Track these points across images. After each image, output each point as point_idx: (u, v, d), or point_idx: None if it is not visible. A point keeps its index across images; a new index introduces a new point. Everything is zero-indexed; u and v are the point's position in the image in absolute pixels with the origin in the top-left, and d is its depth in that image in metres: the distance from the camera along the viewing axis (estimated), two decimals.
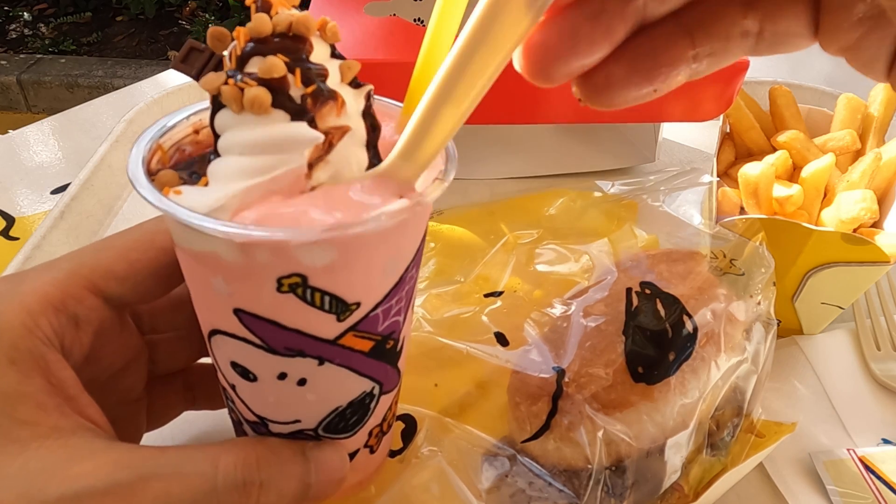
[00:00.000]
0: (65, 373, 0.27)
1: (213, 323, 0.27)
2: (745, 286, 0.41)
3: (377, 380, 0.29)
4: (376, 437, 0.32)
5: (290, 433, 0.29)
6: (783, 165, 0.48)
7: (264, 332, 0.25)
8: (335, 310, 0.25)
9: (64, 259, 0.29)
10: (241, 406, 0.29)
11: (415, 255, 0.27)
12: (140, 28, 2.93)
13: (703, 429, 0.36)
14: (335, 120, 0.24)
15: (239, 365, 0.27)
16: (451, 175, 0.26)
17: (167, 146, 0.27)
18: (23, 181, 0.66)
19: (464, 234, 0.47)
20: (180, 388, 0.36)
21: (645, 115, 0.58)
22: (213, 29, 0.24)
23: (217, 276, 0.24)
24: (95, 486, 0.24)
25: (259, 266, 0.24)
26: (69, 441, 0.25)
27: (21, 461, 0.24)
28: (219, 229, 0.22)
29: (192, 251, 0.25)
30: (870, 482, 0.40)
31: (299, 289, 0.24)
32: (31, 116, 2.54)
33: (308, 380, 0.27)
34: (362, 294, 0.25)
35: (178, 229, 0.25)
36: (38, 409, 0.25)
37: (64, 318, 0.27)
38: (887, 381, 0.46)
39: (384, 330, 0.27)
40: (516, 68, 0.21)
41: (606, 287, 0.40)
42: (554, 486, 0.35)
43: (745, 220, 0.43)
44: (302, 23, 0.24)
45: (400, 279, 0.27)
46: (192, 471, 0.25)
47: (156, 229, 0.30)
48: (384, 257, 0.25)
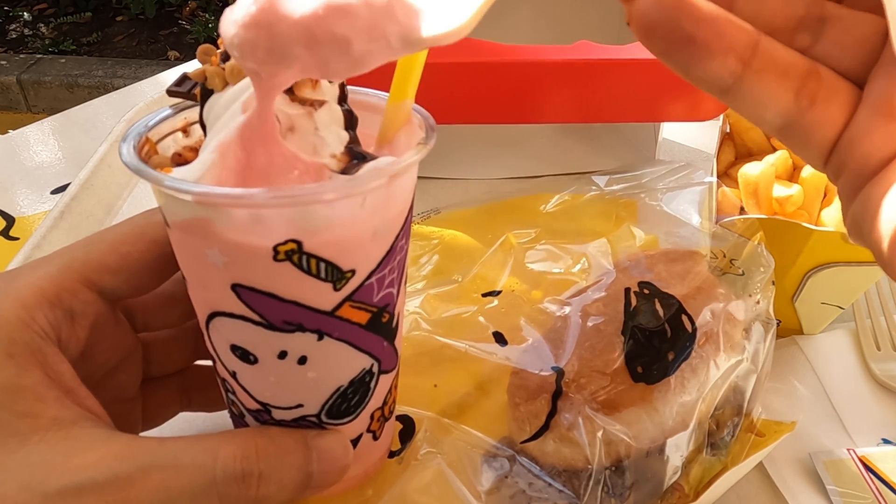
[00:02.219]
0: (62, 366, 0.27)
1: (211, 304, 0.27)
2: (744, 286, 0.41)
3: (375, 356, 0.29)
4: (378, 421, 0.32)
5: (293, 420, 0.29)
6: (783, 165, 0.48)
7: (263, 306, 0.26)
8: (331, 277, 0.25)
9: (56, 254, 0.29)
10: (242, 395, 0.29)
11: (404, 223, 0.28)
12: (140, 28, 2.93)
13: (702, 428, 0.36)
14: (311, 93, 0.25)
15: (239, 347, 0.27)
16: (433, 141, 0.27)
17: (156, 139, 0.28)
18: (23, 181, 0.66)
19: (462, 235, 0.48)
20: (176, 390, 0.36)
21: (645, 115, 0.58)
22: (202, 46, 0.26)
23: (212, 246, 0.25)
24: (96, 479, 0.24)
25: (254, 229, 0.24)
26: (70, 432, 0.25)
27: (22, 454, 0.24)
28: (214, 192, 0.23)
29: (184, 223, 0.25)
30: (870, 482, 0.40)
31: (295, 255, 0.24)
32: (31, 116, 2.54)
33: (308, 357, 0.27)
34: (356, 260, 0.26)
35: (170, 203, 0.25)
36: (37, 402, 0.25)
37: (59, 312, 0.28)
38: (887, 381, 0.46)
39: (379, 301, 0.28)
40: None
41: (605, 287, 0.40)
42: (554, 486, 0.35)
43: (745, 220, 0.43)
44: None
45: (391, 247, 0.27)
46: (190, 463, 0.25)
47: (146, 222, 0.30)
48: (375, 219, 0.26)
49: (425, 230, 0.48)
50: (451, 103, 0.53)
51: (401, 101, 0.27)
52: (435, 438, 0.36)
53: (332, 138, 0.26)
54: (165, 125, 0.29)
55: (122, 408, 0.33)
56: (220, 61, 0.25)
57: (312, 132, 0.25)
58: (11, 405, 0.25)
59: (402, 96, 0.27)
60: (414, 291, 0.43)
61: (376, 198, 0.26)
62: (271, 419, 0.29)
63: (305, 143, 0.25)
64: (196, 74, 0.26)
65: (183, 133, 0.29)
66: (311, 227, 0.24)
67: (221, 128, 0.24)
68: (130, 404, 0.34)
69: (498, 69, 0.52)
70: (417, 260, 0.46)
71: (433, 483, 0.35)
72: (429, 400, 0.38)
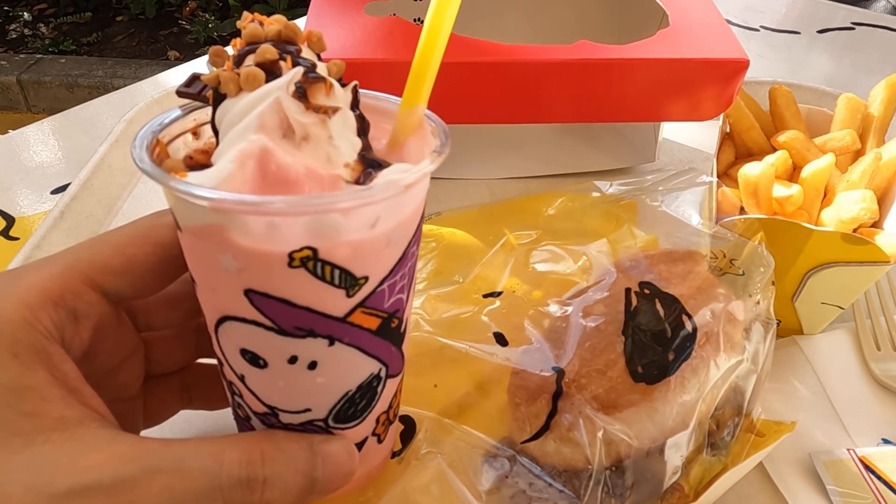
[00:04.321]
0: (67, 365, 0.27)
1: (222, 309, 0.27)
2: (744, 286, 0.41)
3: (383, 360, 0.29)
4: (383, 424, 0.32)
5: (300, 424, 0.29)
6: (783, 165, 0.48)
7: (275, 312, 0.26)
8: (345, 284, 0.26)
9: (60, 255, 0.29)
10: (249, 398, 0.29)
11: (416, 230, 0.28)
12: (140, 28, 2.93)
13: (703, 428, 0.36)
14: (325, 99, 0.25)
15: (249, 351, 0.27)
16: (447, 149, 0.27)
17: (166, 140, 0.28)
18: (23, 181, 0.66)
19: (463, 236, 0.48)
20: (177, 388, 0.36)
21: (645, 115, 0.58)
22: (213, 48, 0.26)
23: (226, 252, 0.25)
24: (102, 481, 0.24)
25: (270, 236, 0.24)
26: (75, 432, 0.25)
27: (28, 454, 0.24)
28: (230, 198, 0.23)
29: (198, 228, 0.25)
30: (870, 482, 0.40)
31: (310, 262, 0.24)
32: (31, 116, 2.54)
33: (318, 362, 0.27)
34: (370, 267, 0.26)
35: (184, 208, 0.25)
36: (42, 401, 0.25)
37: (63, 312, 0.28)
38: (887, 381, 0.46)
39: (389, 307, 0.28)
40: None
41: (605, 287, 0.40)
42: (554, 486, 0.35)
43: (745, 220, 0.43)
44: (291, 28, 0.26)
45: (403, 254, 0.27)
46: (196, 467, 0.25)
47: (152, 224, 0.30)
48: (389, 227, 0.26)
49: (426, 230, 0.48)
50: (451, 103, 0.53)
51: (414, 107, 0.27)
52: (435, 438, 0.36)
53: (346, 146, 0.25)
54: (176, 126, 0.28)
55: (123, 406, 0.33)
56: (233, 65, 0.25)
57: (326, 141, 0.25)
58: (16, 405, 0.25)
59: (414, 101, 0.27)
60: (415, 292, 0.43)
61: (391, 206, 0.26)
62: (278, 423, 0.29)
63: (320, 152, 0.25)
64: (210, 79, 0.25)
65: (193, 135, 0.29)
66: (326, 234, 0.24)
67: (237, 137, 0.24)
68: (132, 403, 0.34)
69: (498, 69, 0.52)
70: (418, 261, 0.46)
71: (434, 483, 0.35)
72: (429, 400, 0.38)
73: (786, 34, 0.98)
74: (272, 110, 0.24)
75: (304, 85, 0.24)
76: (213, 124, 0.26)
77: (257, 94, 0.24)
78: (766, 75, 0.67)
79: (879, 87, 0.51)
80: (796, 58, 0.93)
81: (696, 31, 0.56)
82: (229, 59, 0.26)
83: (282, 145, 0.24)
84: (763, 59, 0.91)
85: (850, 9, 1.07)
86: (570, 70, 0.53)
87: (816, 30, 1.00)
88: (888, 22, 1.02)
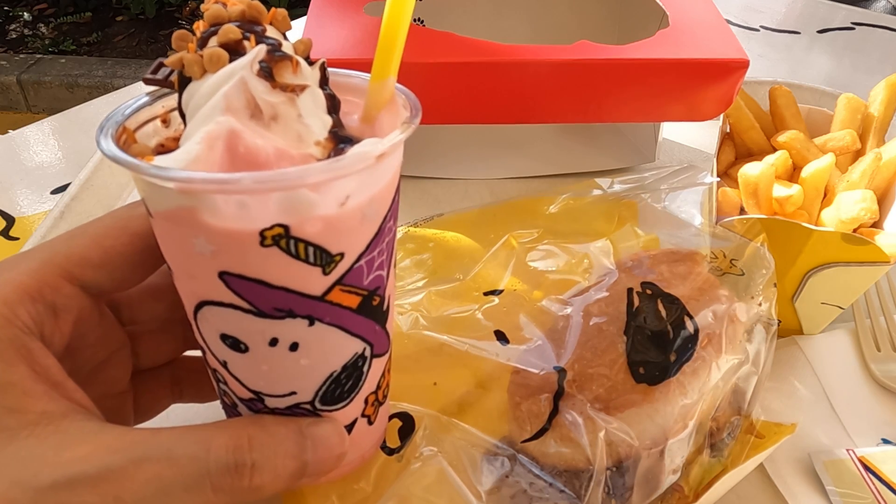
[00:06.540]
0: (48, 360, 0.27)
1: (199, 294, 0.27)
2: (745, 287, 0.41)
3: (367, 339, 0.29)
4: (373, 405, 0.32)
5: (287, 408, 0.29)
6: (783, 165, 0.48)
7: (252, 293, 0.25)
8: (320, 261, 0.25)
9: (37, 249, 0.29)
10: (234, 384, 0.29)
11: (391, 205, 0.28)
12: (140, 28, 2.93)
13: (703, 429, 0.36)
14: (292, 77, 0.25)
15: (229, 336, 0.27)
16: (418, 119, 0.27)
17: (133, 128, 0.27)
18: (23, 181, 0.66)
19: (463, 237, 0.47)
20: (167, 382, 0.36)
21: (645, 115, 0.58)
22: (177, 32, 0.26)
23: (198, 235, 0.24)
24: (88, 472, 0.24)
25: (240, 214, 0.24)
26: (60, 426, 0.25)
27: (12, 449, 0.24)
28: (201, 177, 0.23)
29: (168, 213, 0.25)
30: (869, 482, 0.40)
31: (282, 240, 0.24)
32: (31, 116, 2.54)
33: (300, 343, 0.27)
34: (345, 243, 0.26)
35: (153, 193, 0.25)
36: (24, 397, 0.25)
37: (41, 307, 0.27)
38: (887, 382, 0.46)
39: (369, 284, 0.28)
40: None
41: (607, 287, 0.40)
42: (555, 486, 0.35)
43: (746, 221, 0.43)
44: (255, 7, 0.26)
45: (379, 229, 0.27)
46: (183, 454, 0.25)
47: (129, 215, 0.30)
48: (363, 201, 0.26)
49: (428, 233, 0.48)
50: (451, 103, 0.53)
51: (384, 80, 0.27)
52: (435, 437, 0.36)
53: (317, 124, 0.25)
54: (143, 113, 0.28)
55: (113, 402, 0.33)
56: (196, 48, 0.25)
57: (296, 119, 0.25)
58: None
59: (384, 74, 0.27)
60: (415, 289, 0.43)
61: (363, 179, 0.25)
62: (265, 408, 0.29)
63: (290, 131, 0.25)
64: (173, 62, 0.25)
65: (162, 122, 0.29)
66: (297, 210, 0.24)
67: (203, 119, 0.24)
68: (121, 398, 0.34)
69: (498, 69, 0.52)
70: (419, 259, 0.46)
71: (433, 482, 0.35)
72: (429, 398, 0.38)
73: (786, 34, 0.99)
74: (238, 90, 0.24)
75: (269, 63, 0.24)
76: (179, 108, 0.26)
77: (222, 75, 0.24)
78: (766, 75, 0.67)
79: (879, 87, 0.51)
80: (796, 58, 0.93)
81: (696, 31, 0.56)
82: (192, 41, 0.25)
83: (250, 126, 0.24)
84: (763, 59, 0.91)
85: (850, 9, 1.07)
86: (570, 70, 0.53)
87: (816, 30, 1.00)
88: (888, 22, 1.02)
